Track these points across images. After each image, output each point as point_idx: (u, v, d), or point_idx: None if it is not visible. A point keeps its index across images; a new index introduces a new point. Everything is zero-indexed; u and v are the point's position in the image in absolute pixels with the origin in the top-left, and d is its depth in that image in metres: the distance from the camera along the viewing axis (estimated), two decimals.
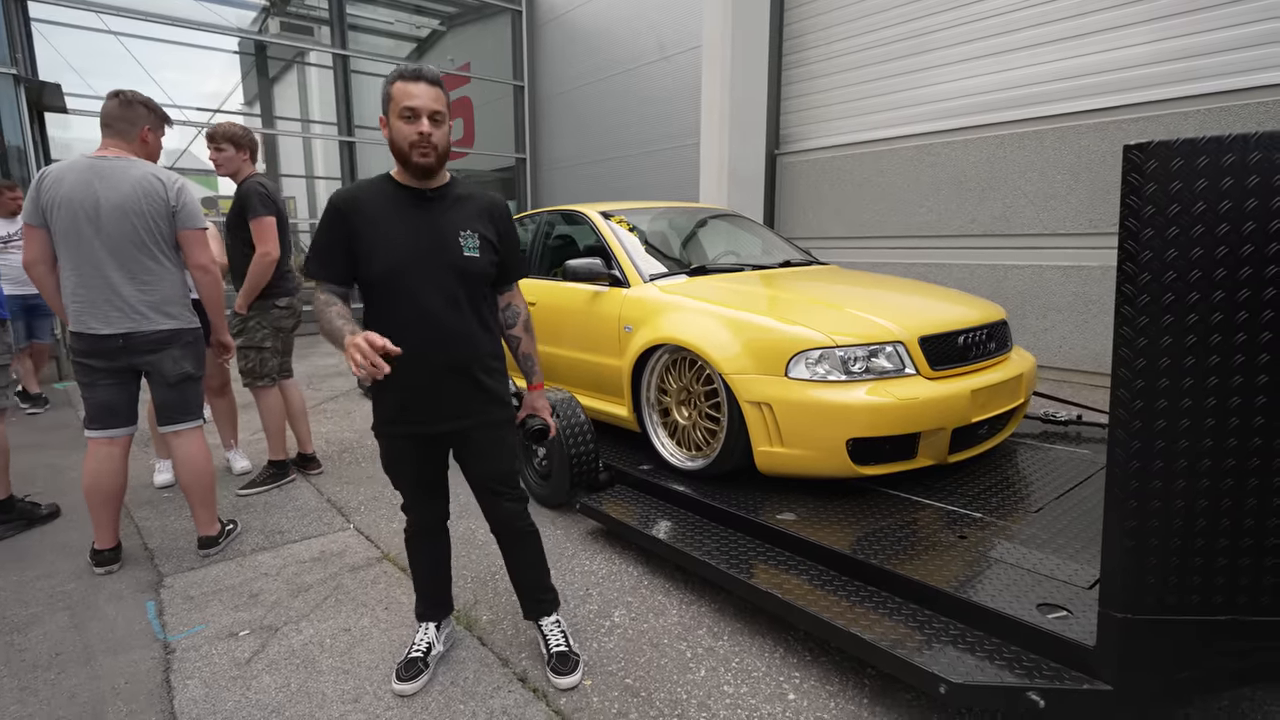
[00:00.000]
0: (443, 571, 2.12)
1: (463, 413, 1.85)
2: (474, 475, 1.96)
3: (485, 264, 1.84)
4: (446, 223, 1.80)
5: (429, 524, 2.04)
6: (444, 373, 1.80)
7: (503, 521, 2.01)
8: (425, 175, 1.77)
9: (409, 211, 1.78)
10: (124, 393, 2.64)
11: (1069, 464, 2.82)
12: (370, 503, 3.36)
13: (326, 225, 1.78)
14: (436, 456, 1.94)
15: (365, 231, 1.75)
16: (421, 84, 1.69)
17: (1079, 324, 5.36)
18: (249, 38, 11.32)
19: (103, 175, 2.49)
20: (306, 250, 1.89)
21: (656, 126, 8.93)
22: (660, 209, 4.34)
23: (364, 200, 1.77)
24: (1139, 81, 4.92)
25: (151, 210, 2.53)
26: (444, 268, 1.77)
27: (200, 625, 2.31)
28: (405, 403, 1.82)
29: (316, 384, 6.15)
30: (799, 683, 1.96)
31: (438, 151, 1.74)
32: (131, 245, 2.52)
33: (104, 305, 2.51)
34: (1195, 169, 1.34)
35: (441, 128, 1.74)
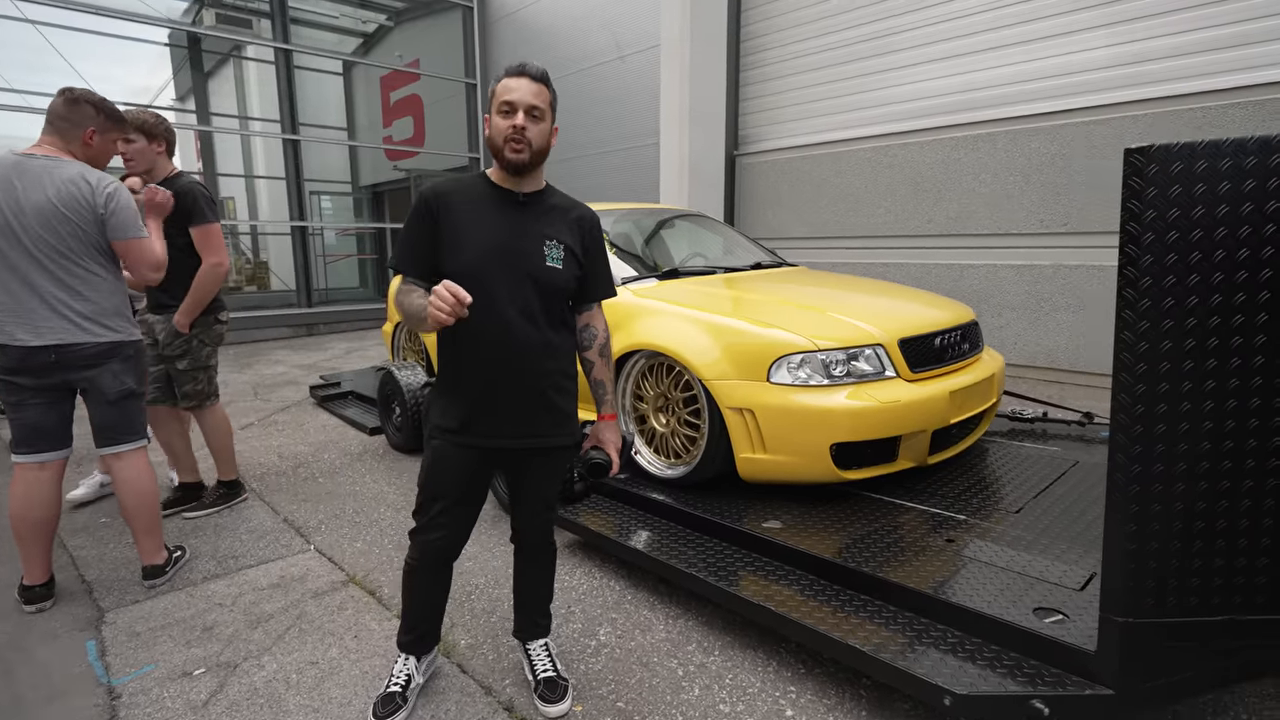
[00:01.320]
0: (438, 607, 1.97)
1: (528, 431, 1.74)
2: (525, 496, 1.88)
3: (567, 277, 1.73)
4: (533, 229, 1.71)
5: (439, 553, 1.85)
6: (520, 388, 1.70)
7: (534, 536, 1.94)
8: (518, 172, 1.68)
9: (497, 213, 1.69)
10: (55, 413, 2.41)
11: (1040, 462, 2.87)
12: (331, 521, 3.18)
13: (414, 218, 1.70)
14: (486, 474, 1.83)
15: (450, 227, 1.67)
16: (523, 79, 1.63)
17: (1032, 321, 5.52)
18: (181, 29, 10.75)
19: (25, 174, 2.26)
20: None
21: (614, 126, 8.85)
22: (624, 210, 4.27)
23: (454, 195, 1.69)
24: (1086, 86, 5.08)
25: (78, 216, 2.30)
26: (523, 276, 1.67)
27: (149, 665, 2.12)
28: (470, 411, 1.71)
29: (264, 394, 5.85)
30: (795, 697, 1.91)
31: (532, 148, 1.65)
32: (58, 251, 2.28)
33: (31, 314, 2.27)
34: (1194, 173, 1.34)
35: (539, 124, 1.65)
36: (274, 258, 11.94)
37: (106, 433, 2.47)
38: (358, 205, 13.25)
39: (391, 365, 4.19)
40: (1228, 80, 4.48)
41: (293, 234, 9.84)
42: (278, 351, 8.09)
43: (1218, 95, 4.51)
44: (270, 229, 12.67)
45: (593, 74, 9.03)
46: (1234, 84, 4.45)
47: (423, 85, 11.25)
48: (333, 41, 11.84)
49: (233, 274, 11.80)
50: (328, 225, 12.69)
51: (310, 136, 11.05)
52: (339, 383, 5.55)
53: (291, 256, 9.93)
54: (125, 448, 2.50)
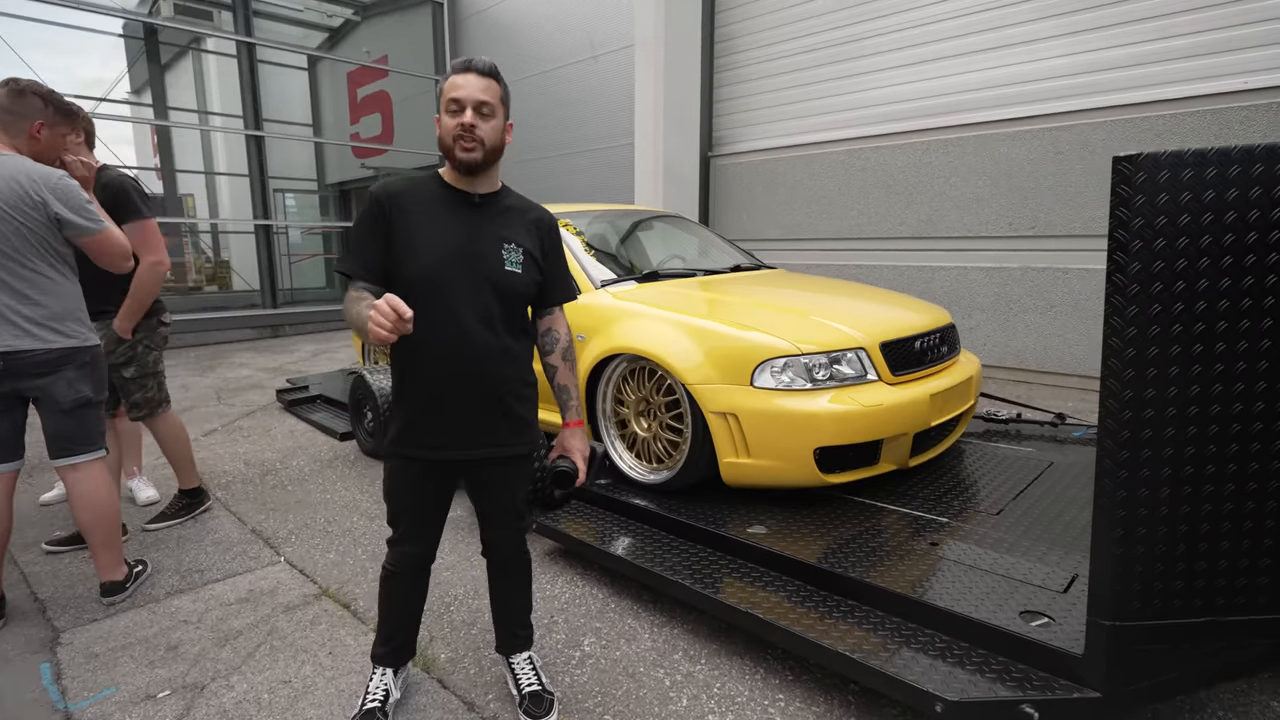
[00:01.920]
0: (414, 616, 1.92)
1: (487, 440, 1.69)
2: (488, 507, 1.82)
3: (527, 281, 1.69)
4: (490, 232, 1.65)
5: (416, 562, 1.83)
6: (470, 394, 1.64)
7: (504, 550, 1.88)
8: (470, 172, 1.62)
9: (452, 214, 1.63)
10: (6, 423, 2.28)
11: (1017, 463, 2.91)
12: (301, 531, 3.08)
13: (365, 219, 1.62)
14: (448, 486, 1.77)
15: (403, 229, 1.60)
16: (470, 74, 1.56)
17: (1000, 323, 5.63)
18: (137, 20, 10.38)
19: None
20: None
21: (587, 126, 8.80)
22: (600, 211, 4.23)
23: (406, 196, 1.62)
24: (1052, 93, 5.20)
25: (22, 214, 2.16)
26: (481, 280, 1.61)
27: (109, 689, 2.01)
28: (425, 423, 1.65)
29: (228, 398, 5.66)
30: (784, 705, 1.90)
31: (484, 146, 1.58)
32: (2, 253, 2.16)
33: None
34: (1180, 181, 1.35)
35: (490, 121, 1.58)
36: (236, 257, 11.62)
37: (61, 443, 2.35)
38: (324, 203, 12.97)
39: (362, 368, 4.09)
40: (1184, 89, 4.62)
41: (256, 232, 9.57)
42: (241, 354, 7.84)
43: (1175, 104, 4.65)
44: (232, 227, 12.33)
45: (566, 73, 8.96)
46: (1190, 93, 4.60)
47: (391, 82, 11.05)
48: (297, 35, 11.56)
49: (193, 273, 11.44)
50: (293, 224, 12.38)
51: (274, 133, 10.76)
52: (307, 386, 5.40)
53: (255, 256, 9.66)
54: (81, 459, 2.37)
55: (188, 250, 11.87)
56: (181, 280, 11.17)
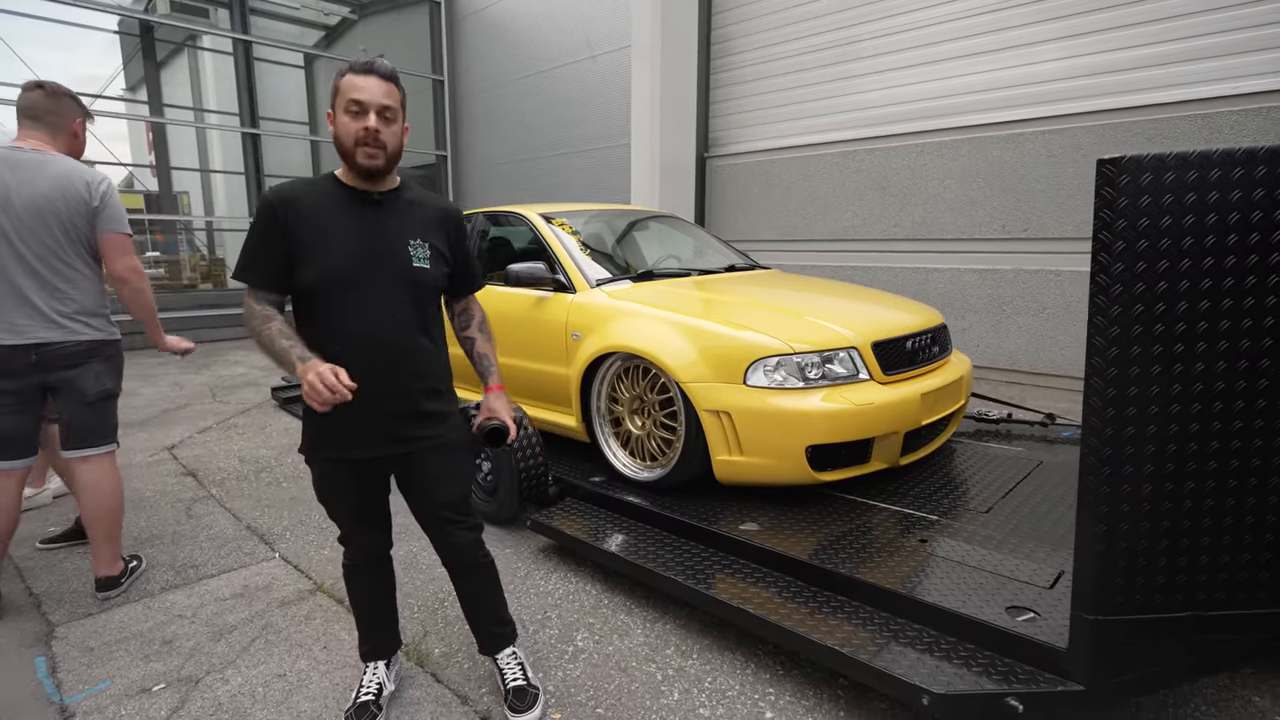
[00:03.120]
0: (388, 606, 1.95)
1: (405, 437, 1.69)
2: (422, 504, 1.79)
3: (436, 276, 1.70)
4: (395, 230, 1.65)
5: (370, 556, 1.86)
6: (384, 395, 1.63)
7: (456, 553, 1.84)
8: (371, 178, 1.62)
9: (353, 215, 1.61)
10: (28, 418, 2.33)
11: (1006, 462, 2.94)
12: (296, 527, 3.09)
13: (259, 225, 1.59)
14: (375, 483, 1.77)
15: (301, 234, 1.57)
16: (372, 77, 1.55)
17: (993, 324, 5.67)
18: (133, 17, 10.35)
19: (16, 168, 2.23)
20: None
21: (584, 126, 8.82)
22: (596, 211, 4.25)
23: (302, 199, 1.59)
24: (1045, 96, 5.24)
25: (69, 210, 2.28)
26: (390, 279, 1.61)
27: (104, 682, 2.02)
28: (340, 425, 1.62)
29: (223, 396, 5.66)
30: (775, 699, 1.92)
31: (386, 152, 1.59)
32: (47, 248, 2.26)
33: (11, 312, 2.23)
34: (1163, 184, 1.38)
35: (392, 126, 1.59)
36: (231, 255, 11.57)
37: (79, 434, 2.39)
38: None
39: None
40: (1175, 94, 4.66)
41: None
42: (236, 352, 7.84)
43: (1166, 108, 4.69)
44: (228, 225, 12.30)
45: (563, 73, 8.98)
46: (1181, 98, 4.64)
47: None
48: (294, 33, 11.55)
49: (187, 271, 11.41)
50: None
51: (271, 131, 10.75)
52: None
53: None
54: (95, 451, 2.42)
55: (183, 248, 11.84)
56: (176, 278, 11.14)
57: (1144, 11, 4.77)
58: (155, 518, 3.19)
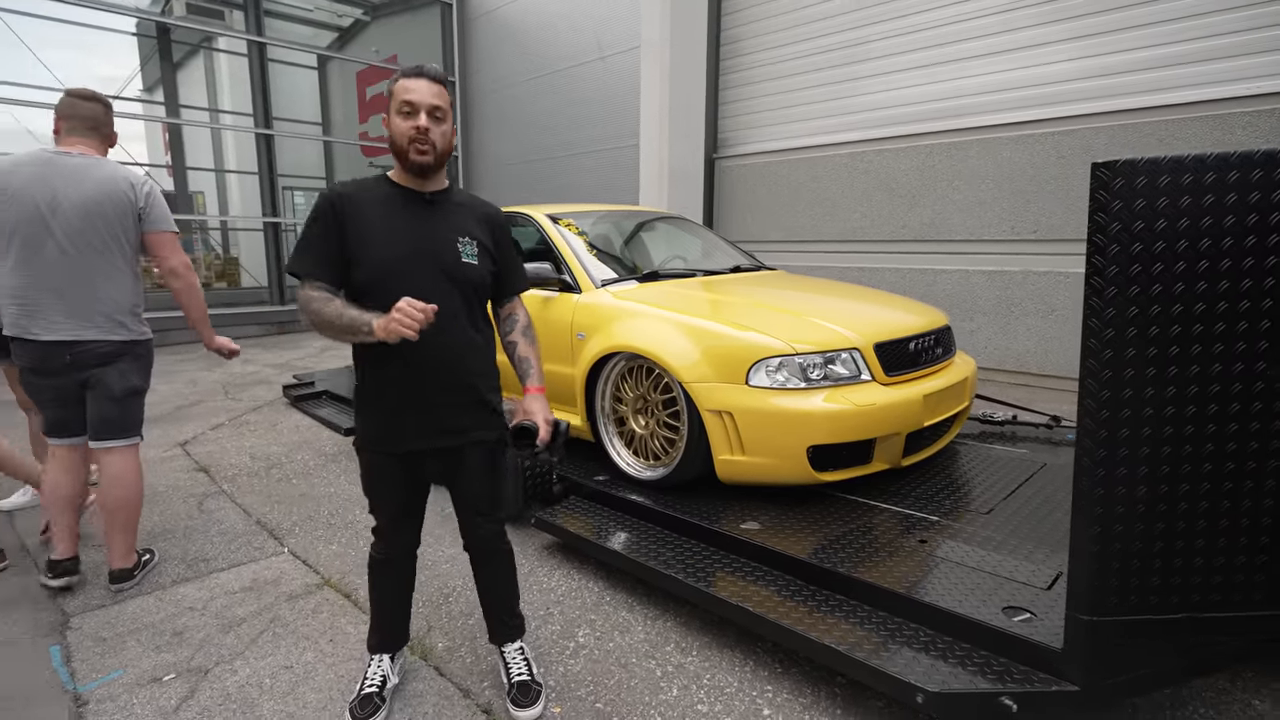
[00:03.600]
0: (404, 602, 1.99)
1: (454, 429, 1.75)
2: (461, 496, 1.87)
3: (483, 272, 1.75)
4: (445, 227, 1.71)
5: (401, 551, 1.91)
6: (436, 387, 1.70)
7: (481, 541, 1.92)
8: (422, 174, 1.68)
9: (405, 213, 1.68)
10: (72, 409, 2.47)
11: (1010, 464, 2.94)
12: (305, 523, 3.14)
13: (317, 221, 1.66)
14: (422, 477, 1.83)
15: (357, 231, 1.64)
16: (423, 80, 1.63)
17: (1001, 326, 5.64)
18: (150, 19, 10.50)
19: (64, 171, 2.33)
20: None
21: (594, 127, 8.85)
22: (604, 211, 4.28)
23: (358, 197, 1.67)
24: (1055, 97, 5.22)
25: (117, 211, 2.39)
26: (440, 274, 1.67)
27: (116, 671, 2.07)
28: (394, 418, 1.71)
29: (235, 393, 5.74)
30: (772, 696, 1.94)
31: (436, 149, 1.66)
32: (92, 248, 2.36)
33: (50, 310, 2.34)
34: (1158, 187, 1.39)
35: (441, 125, 1.66)
36: (245, 254, 11.72)
37: (104, 427, 2.48)
38: None
39: None
40: (1189, 95, 4.63)
41: (265, 230, 9.67)
42: (249, 350, 7.93)
43: (1178, 109, 4.66)
44: (242, 224, 12.45)
45: (574, 74, 9.01)
46: (1194, 98, 4.61)
47: None
48: (308, 35, 11.66)
49: (203, 269, 11.55)
50: (301, 221, 12.49)
51: (284, 131, 10.86)
52: (313, 382, 5.47)
53: (264, 253, 9.76)
54: (119, 443, 2.51)
55: (198, 247, 11.99)
56: None
57: (1156, 12, 4.74)
58: (168, 512, 3.25)
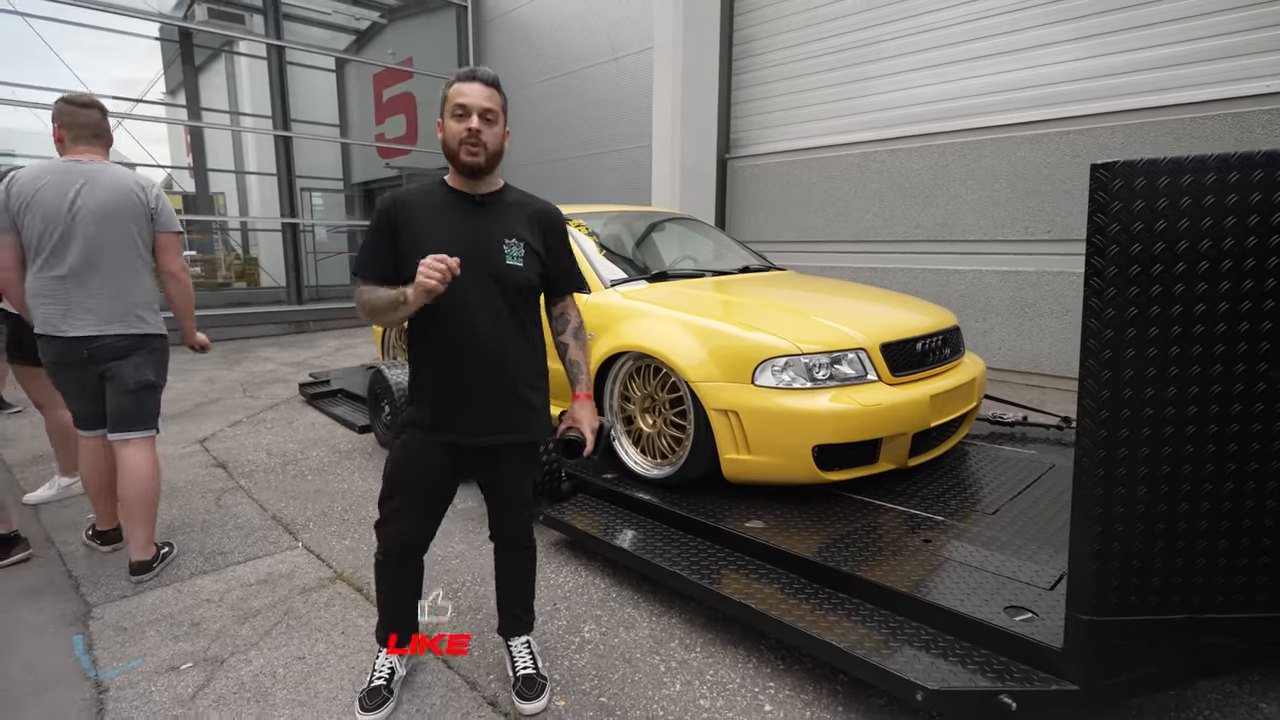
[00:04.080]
0: (412, 600, 2.02)
1: (497, 427, 1.78)
2: (497, 493, 1.91)
3: (529, 274, 1.77)
4: (492, 229, 1.74)
5: (412, 544, 1.91)
6: (485, 383, 1.74)
7: (513, 537, 1.97)
8: (474, 175, 1.72)
9: (456, 216, 1.73)
10: (95, 401, 2.60)
11: (1018, 465, 2.93)
12: (319, 519, 3.20)
13: (374, 227, 1.74)
14: (456, 471, 1.86)
15: (409, 234, 1.70)
16: (475, 84, 1.67)
17: (1015, 327, 5.60)
18: (172, 24, 10.70)
19: (82, 178, 2.47)
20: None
21: (606, 128, 8.89)
22: (615, 212, 4.31)
23: (413, 203, 1.73)
24: (1069, 96, 5.17)
25: (133, 213, 2.54)
26: (484, 276, 1.70)
27: (136, 659, 2.14)
28: (443, 410, 1.76)
29: (253, 391, 5.84)
30: (774, 693, 1.96)
31: (487, 150, 1.69)
32: (114, 249, 2.51)
33: (77, 308, 2.48)
34: (1157, 188, 1.39)
35: (493, 128, 1.69)
36: (264, 254, 11.89)
37: (121, 419, 2.59)
38: (349, 202, 13.21)
39: (381, 364, 4.21)
40: (1206, 93, 4.57)
41: (283, 230, 9.81)
42: (266, 349, 8.06)
43: (1195, 108, 4.60)
44: (261, 225, 12.63)
45: (586, 75, 9.06)
46: (1211, 97, 4.55)
47: (416, 83, 11.24)
48: (325, 38, 11.81)
49: (222, 270, 11.75)
50: (319, 222, 12.65)
51: (302, 133, 11.01)
52: (328, 380, 5.56)
53: (282, 253, 9.90)
54: (134, 435, 2.60)
55: (218, 247, 12.19)
56: (211, 276, 11.48)
57: (1171, 9, 4.68)
58: (187, 506, 3.32)
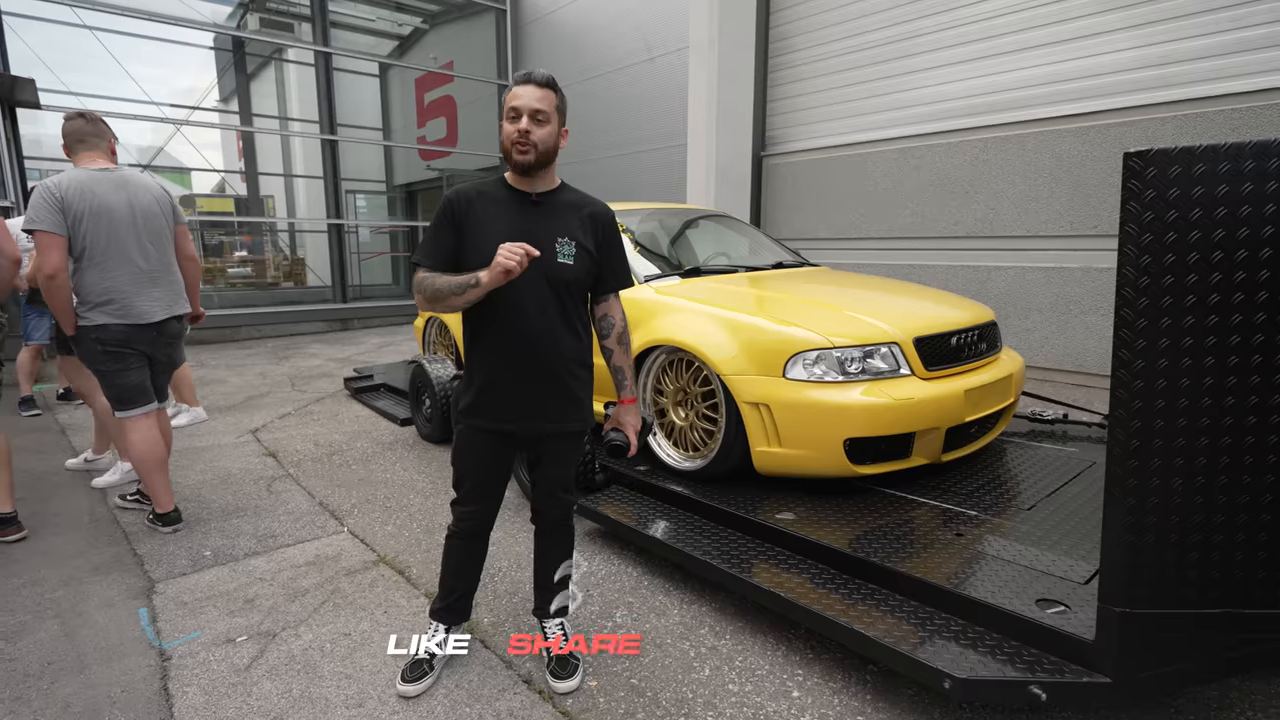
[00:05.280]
0: (471, 578, 2.11)
1: (545, 416, 1.87)
2: (542, 477, 1.99)
3: (580, 272, 1.84)
4: (546, 228, 1.81)
5: (476, 524, 2.02)
6: (531, 375, 1.82)
7: (554, 520, 2.05)
8: (525, 172, 1.80)
9: (512, 213, 1.81)
10: (147, 373, 2.96)
11: (1057, 462, 2.88)
12: (363, 505, 3.33)
13: (439, 218, 1.82)
14: (507, 457, 1.96)
15: (470, 229, 1.79)
16: (529, 85, 1.74)
17: (1060, 325, 5.47)
18: (226, 33, 11.14)
19: (124, 184, 2.82)
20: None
21: (643, 127, 8.95)
22: (650, 210, 4.36)
23: (476, 198, 1.82)
24: (1117, 87, 5.03)
25: (163, 210, 2.94)
26: (537, 272, 1.76)
27: (195, 632, 2.27)
28: (492, 398, 1.85)
29: (301, 385, 6.07)
30: (802, 680, 1.98)
31: (537, 150, 1.76)
32: (162, 243, 2.92)
33: (146, 298, 2.84)
34: (1192, 176, 1.38)
35: (544, 127, 1.76)
36: (311, 254, 12.29)
37: (163, 393, 3.11)
38: (392, 204, 13.57)
39: (422, 359, 4.34)
40: (1260, 81, 4.40)
41: (329, 231, 10.13)
42: (314, 345, 8.35)
43: (1249, 97, 4.43)
44: (308, 226, 13.05)
45: (623, 76, 9.14)
46: (1266, 85, 4.38)
47: (456, 87, 11.48)
48: (370, 44, 12.15)
49: (271, 270, 12.18)
50: (363, 223, 13.02)
51: (347, 137, 11.35)
52: (372, 375, 5.75)
53: (328, 253, 10.23)
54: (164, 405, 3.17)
55: (268, 249, 12.65)
56: (261, 276, 11.91)
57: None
58: (240, 493, 3.49)
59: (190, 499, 3.38)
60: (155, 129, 10.15)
